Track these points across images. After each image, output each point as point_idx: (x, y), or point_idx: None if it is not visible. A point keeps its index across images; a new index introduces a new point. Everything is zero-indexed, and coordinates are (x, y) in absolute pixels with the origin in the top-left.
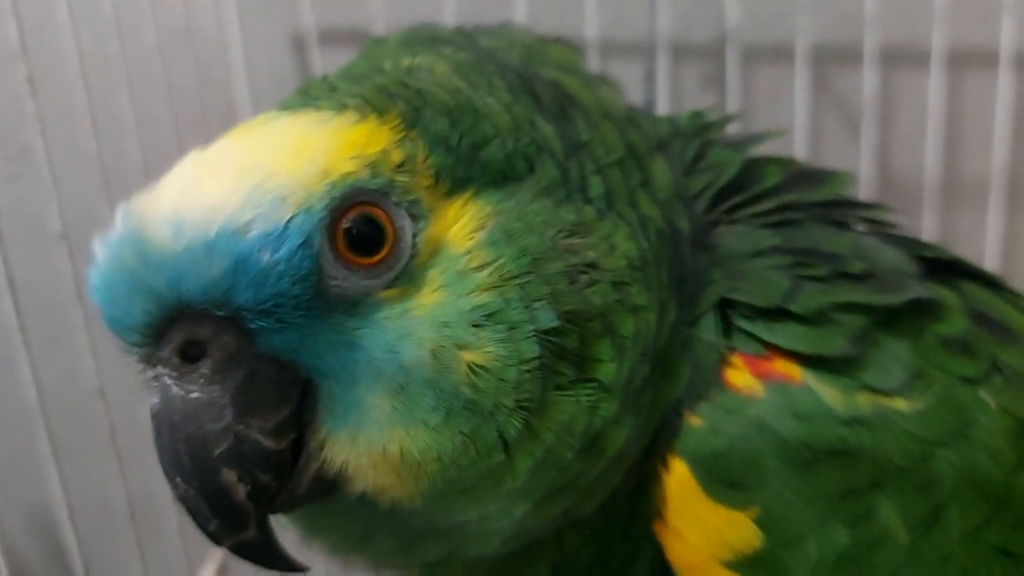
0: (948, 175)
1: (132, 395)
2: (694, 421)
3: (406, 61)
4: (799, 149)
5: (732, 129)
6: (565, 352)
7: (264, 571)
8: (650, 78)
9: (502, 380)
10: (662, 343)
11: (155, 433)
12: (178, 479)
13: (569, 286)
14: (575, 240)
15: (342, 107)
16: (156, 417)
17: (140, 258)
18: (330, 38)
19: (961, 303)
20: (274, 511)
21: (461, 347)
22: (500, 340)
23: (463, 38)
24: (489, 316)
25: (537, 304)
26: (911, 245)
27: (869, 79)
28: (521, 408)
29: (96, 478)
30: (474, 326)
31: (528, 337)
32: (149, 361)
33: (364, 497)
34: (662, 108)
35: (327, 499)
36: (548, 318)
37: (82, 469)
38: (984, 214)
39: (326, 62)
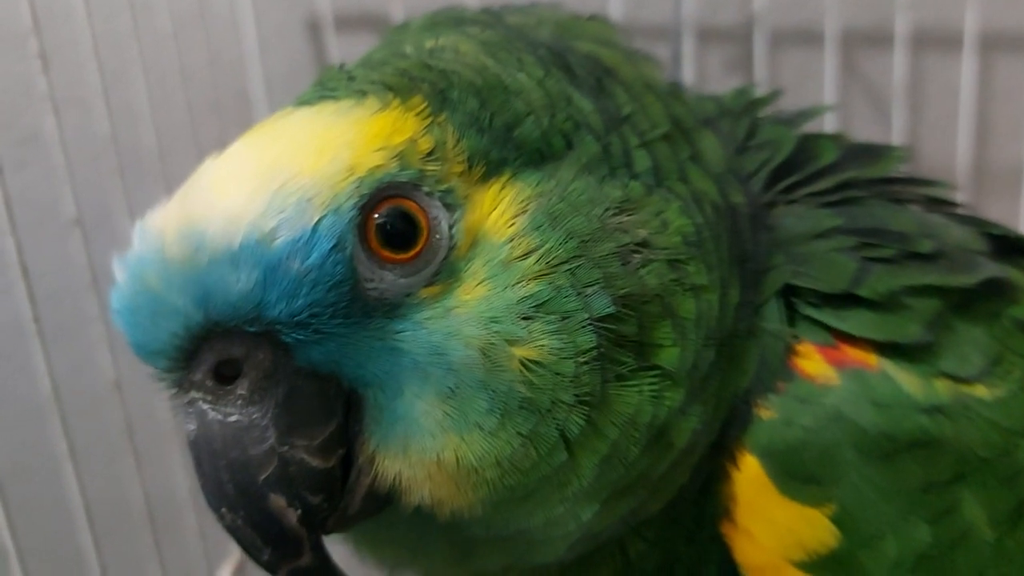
0: (979, 161)
1: (149, 388)
2: (764, 413)
3: (429, 43)
4: None
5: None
6: (623, 339)
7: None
8: (676, 62)
9: (559, 374)
10: (727, 326)
11: (195, 462)
12: (224, 509)
13: (622, 267)
14: (624, 218)
15: (362, 96)
16: (194, 445)
17: (162, 277)
18: (346, 23)
19: None
20: (327, 532)
21: (512, 343)
22: (553, 332)
23: (490, 17)
24: (539, 307)
25: (590, 290)
26: (977, 223)
27: (899, 63)
28: (581, 403)
29: (112, 475)
30: (524, 319)
31: (583, 326)
32: (182, 386)
33: (421, 509)
34: None
35: (380, 513)
36: (603, 304)
37: (98, 465)
38: (1017, 201)
39: (342, 47)
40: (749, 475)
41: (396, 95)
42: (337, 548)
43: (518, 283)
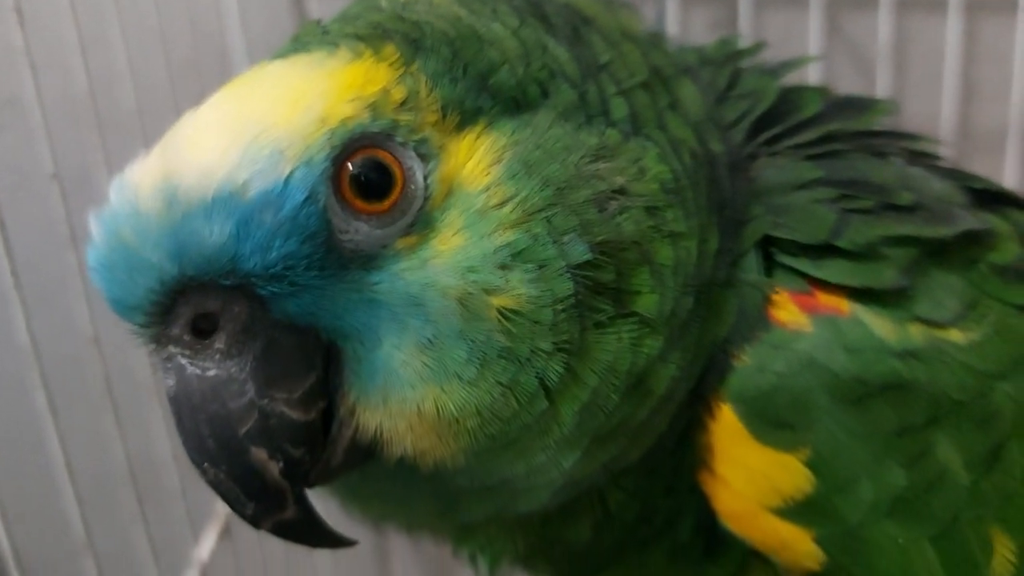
0: (964, 122)
1: (129, 345)
2: (739, 361)
3: None
4: None
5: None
6: (601, 286)
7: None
8: (660, 23)
9: (537, 323)
10: (706, 273)
11: (175, 417)
12: (206, 464)
13: (599, 214)
14: (601, 165)
15: (334, 48)
16: (174, 400)
17: (136, 233)
18: None
19: (1013, 231)
20: (310, 485)
21: (490, 292)
22: (531, 280)
23: None
24: (516, 255)
25: (566, 237)
26: (958, 176)
27: (884, 24)
28: (560, 350)
29: (94, 433)
30: (501, 268)
31: (560, 274)
32: (160, 341)
33: (404, 461)
34: None
35: (364, 466)
36: (580, 251)
37: (79, 424)
38: (1001, 162)
39: (322, 6)
40: (724, 423)
41: (368, 46)
42: (325, 503)
43: (495, 232)
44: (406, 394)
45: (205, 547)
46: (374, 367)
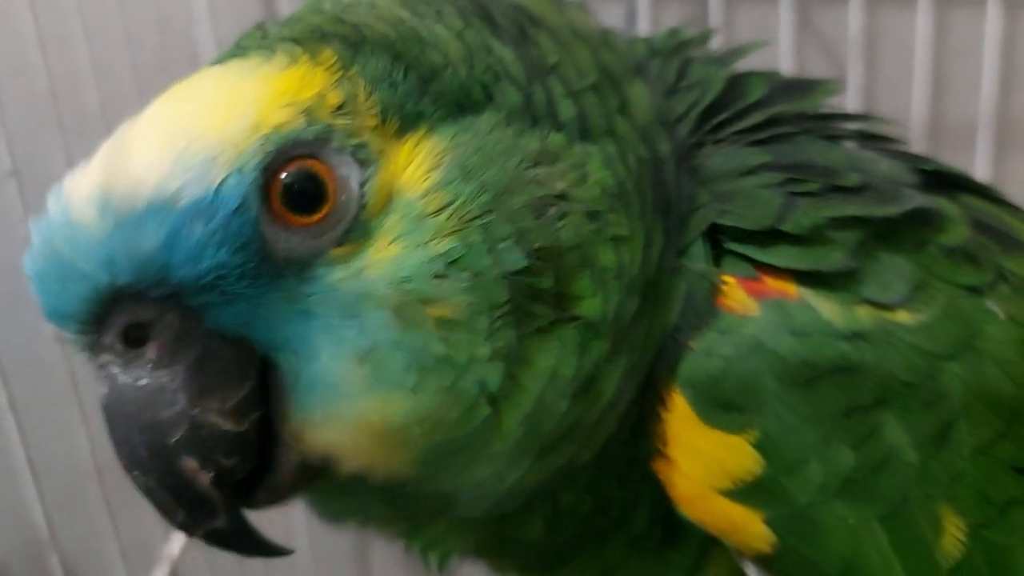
0: (935, 117)
1: None
2: (688, 348)
3: None
4: None
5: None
6: (540, 292)
7: None
8: (631, 19)
9: (474, 330)
10: (650, 274)
11: (107, 426)
12: (136, 472)
13: (536, 220)
14: (540, 170)
15: (271, 52)
16: (106, 409)
17: (69, 242)
18: None
19: (962, 212)
20: (258, 507)
21: (425, 301)
22: (466, 288)
23: None
24: (452, 264)
25: (503, 244)
26: (908, 158)
27: (854, 18)
28: (499, 357)
29: (58, 431)
30: (437, 277)
31: (496, 281)
32: (93, 350)
33: (354, 477)
34: None
35: (313, 485)
36: (515, 258)
37: (43, 422)
38: (972, 156)
39: (293, 8)
40: (676, 409)
41: (305, 50)
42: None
43: (431, 240)
44: (348, 407)
45: (175, 543)
46: (312, 380)
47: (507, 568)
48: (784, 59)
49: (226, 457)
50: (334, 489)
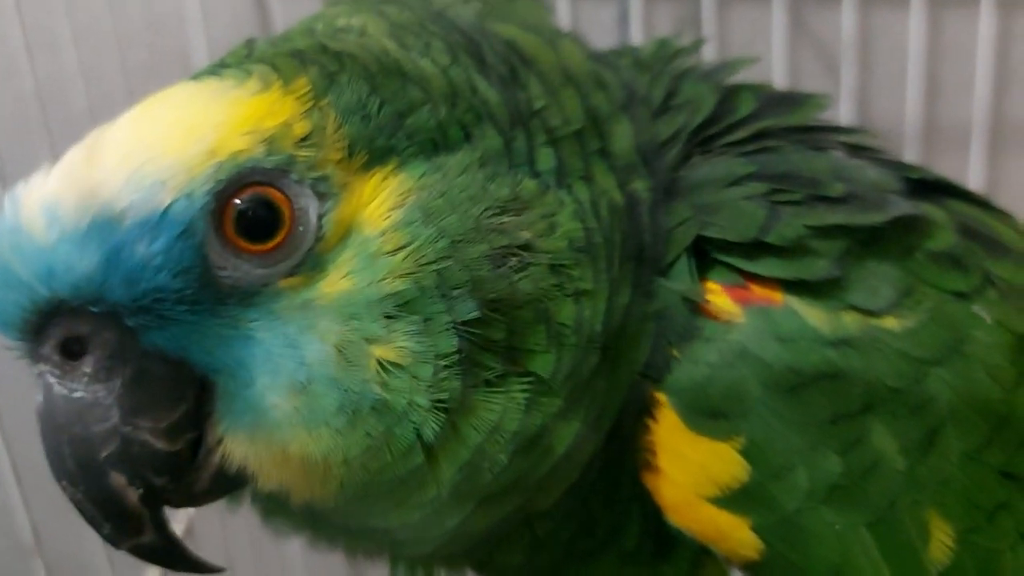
0: (929, 118)
1: None
2: (674, 359)
3: (341, 21)
4: None
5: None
6: (491, 344)
7: None
8: (623, 21)
9: (416, 377)
10: (614, 325)
11: (41, 434)
12: (65, 482)
13: (494, 271)
14: (507, 218)
15: (246, 75)
16: (40, 417)
17: (15, 249)
18: None
19: (949, 218)
20: (174, 506)
21: (371, 341)
22: (414, 333)
23: None
24: (402, 306)
25: (456, 292)
26: (895, 166)
27: (847, 21)
28: (439, 408)
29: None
30: (386, 317)
31: (446, 329)
32: (32, 357)
33: (275, 494)
34: None
35: (234, 493)
36: (467, 308)
37: (28, 427)
38: (966, 158)
39: (285, 9)
40: (663, 418)
41: (280, 76)
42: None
43: (383, 279)
44: (273, 434)
45: None
46: (245, 404)
47: None
48: (777, 61)
49: (156, 475)
50: (267, 502)
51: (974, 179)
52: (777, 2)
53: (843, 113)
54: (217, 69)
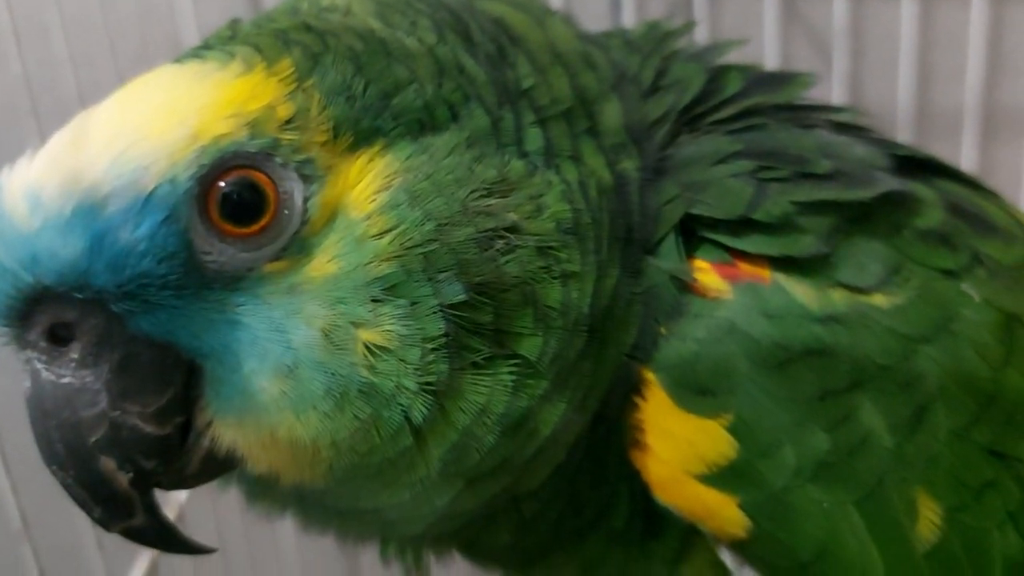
0: (921, 106)
1: None
2: (662, 336)
3: (326, 1)
4: None
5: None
6: (478, 327)
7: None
8: (616, 8)
9: (403, 361)
10: (602, 307)
11: (30, 420)
12: (55, 467)
13: (481, 254)
14: (493, 201)
15: (229, 57)
16: (28, 403)
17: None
18: None
19: (937, 196)
20: (164, 488)
21: (357, 325)
22: (401, 316)
23: None
24: (389, 290)
25: (443, 275)
26: (883, 144)
27: (839, 8)
28: (427, 390)
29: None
30: (373, 301)
31: (432, 312)
32: (19, 344)
33: (265, 477)
34: None
35: (224, 475)
36: (454, 291)
37: (15, 414)
38: (958, 145)
39: None
40: (651, 395)
41: (264, 58)
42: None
43: (370, 263)
44: (261, 418)
45: None
46: (232, 388)
47: (488, 565)
48: (770, 49)
49: (146, 459)
50: (254, 484)
51: (966, 166)
52: None
53: (836, 100)
54: (200, 51)
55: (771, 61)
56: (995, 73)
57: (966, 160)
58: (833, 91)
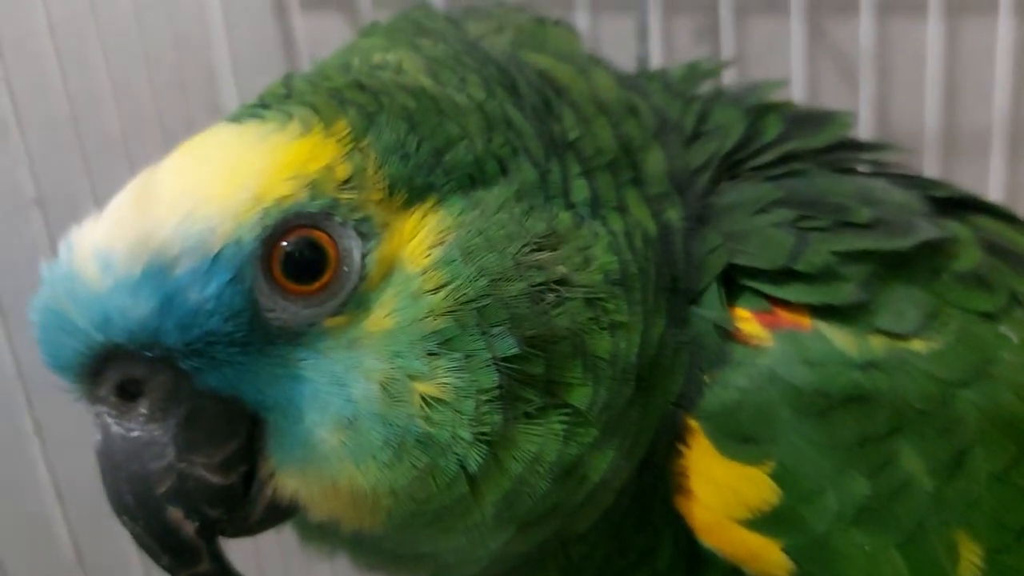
0: (948, 126)
1: None
2: (706, 384)
3: (377, 57)
4: (796, 103)
5: (730, 78)
6: (530, 378)
7: None
8: (643, 33)
9: (459, 412)
10: (649, 357)
11: (100, 472)
12: (125, 517)
13: (533, 308)
14: (543, 255)
15: (287, 117)
16: (99, 456)
17: (71, 296)
18: (312, 2)
19: (974, 236)
20: (228, 536)
21: (414, 378)
22: (456, 370)
23: (449, 25)
24: (444, 344)
25: (496, 329)
26: (921, 185)
27: (866, 28)
28: (482, 440)
29: (83, 454)
30: (429, 355)
31: (487, 365)
32: (89, 399)
33: (326, 523)
34: (655, 63)
35: (285, 522)
36: (508, 345)
37: (68, 445)
38: (986, 165)
39: (308, 26)
40: (695, 443)
41: (321, 119)
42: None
43: (426, 318)
44: (322, 468)
45: None
46: (294, 439)
47: None
48: (796, 70)
49: (211, 508)
50: (312, 528)
51: (995, 184)
52: (795, 12)
53: (862, 121)
54: (258, 111)
55: (798, 84)
56: (1022, 90)
57: (994, 178)
58: (860, 113)
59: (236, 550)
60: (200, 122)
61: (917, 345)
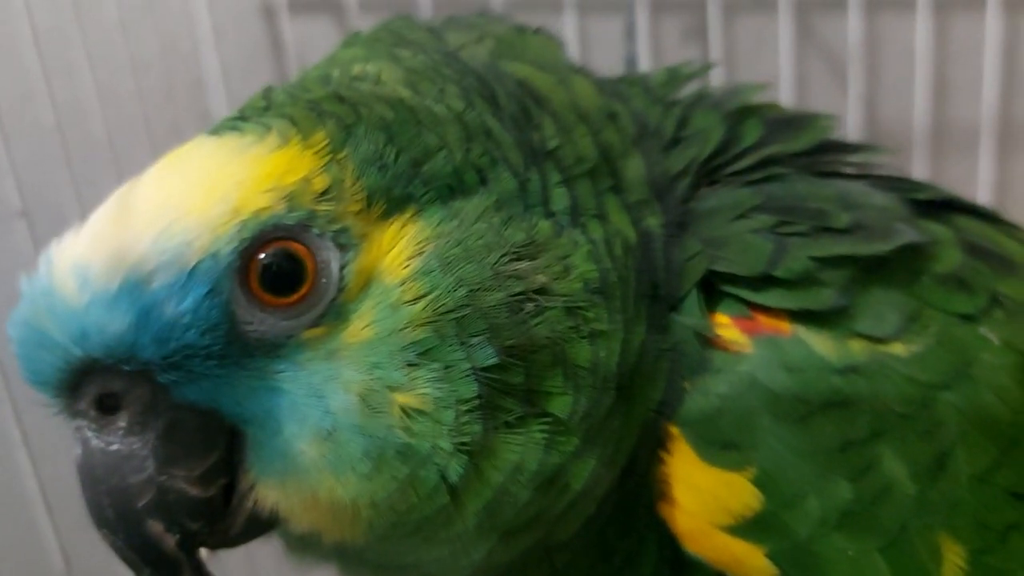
0: (937, 122)
1: None
2: (684, 389)
3: (356, 68)
4: (784, 101)
5: (718, 77)
6: (510, 388)
7: None
8: (630, 34)
9: (438, 422)
10: (629, 364)
11: (80, 486)
12: (105, 531)
13: (512, 317)
14: (522, 265)
15: (266, 130)
16: (79, 470)
17: (49, 311)
18: (300, 6)
19: (954, 237)
20: (209, 548)
21: (393, 389)
22: (435, 380)
23: (429, 36)
24: (423, 354)
25: (475, 339)
26: (902, 187)
27: (854, 26)
28: (462, 450)
29: (71, 463)
30: (408, 365)
31: (466, 375)
32: (69, 413)
33: (307, 536)
34: (643, 64)
35: (266, 535)
36: (487, 355)
37: (56, 454)
38: (975, 161)
39: (296, 32)
40: (677, 450)
41: (299, 131)
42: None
43: (404, 328)
44: (301, 480)
45: None
46: (274, 452)
47: None
48: (784, 68)
49: (192, 520)
50: (295, 539)
51: (983, 181)
52: (783, 10)
53: (851, 118)
54: (237, 123)
55: (786, 81)
56: (1011, 86)
57: (983, 174)
58: (849, 109)
59: (229, 555)
60: (188, 129)
61: (897, 348)
